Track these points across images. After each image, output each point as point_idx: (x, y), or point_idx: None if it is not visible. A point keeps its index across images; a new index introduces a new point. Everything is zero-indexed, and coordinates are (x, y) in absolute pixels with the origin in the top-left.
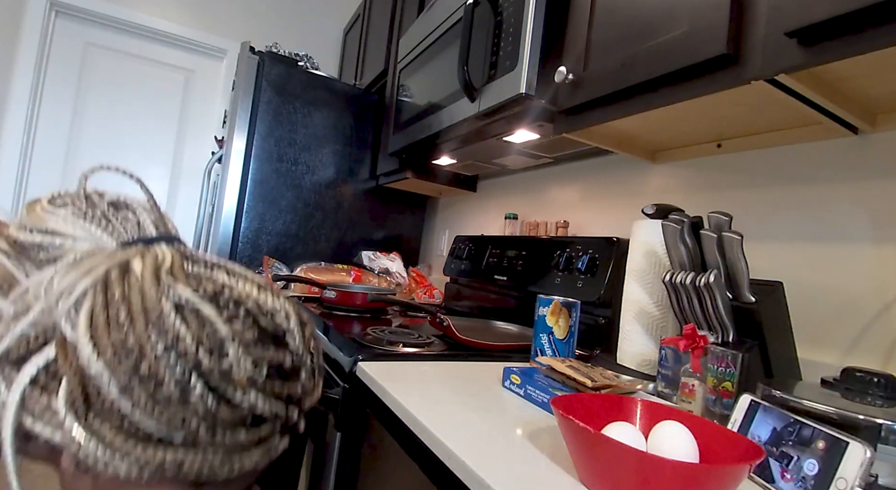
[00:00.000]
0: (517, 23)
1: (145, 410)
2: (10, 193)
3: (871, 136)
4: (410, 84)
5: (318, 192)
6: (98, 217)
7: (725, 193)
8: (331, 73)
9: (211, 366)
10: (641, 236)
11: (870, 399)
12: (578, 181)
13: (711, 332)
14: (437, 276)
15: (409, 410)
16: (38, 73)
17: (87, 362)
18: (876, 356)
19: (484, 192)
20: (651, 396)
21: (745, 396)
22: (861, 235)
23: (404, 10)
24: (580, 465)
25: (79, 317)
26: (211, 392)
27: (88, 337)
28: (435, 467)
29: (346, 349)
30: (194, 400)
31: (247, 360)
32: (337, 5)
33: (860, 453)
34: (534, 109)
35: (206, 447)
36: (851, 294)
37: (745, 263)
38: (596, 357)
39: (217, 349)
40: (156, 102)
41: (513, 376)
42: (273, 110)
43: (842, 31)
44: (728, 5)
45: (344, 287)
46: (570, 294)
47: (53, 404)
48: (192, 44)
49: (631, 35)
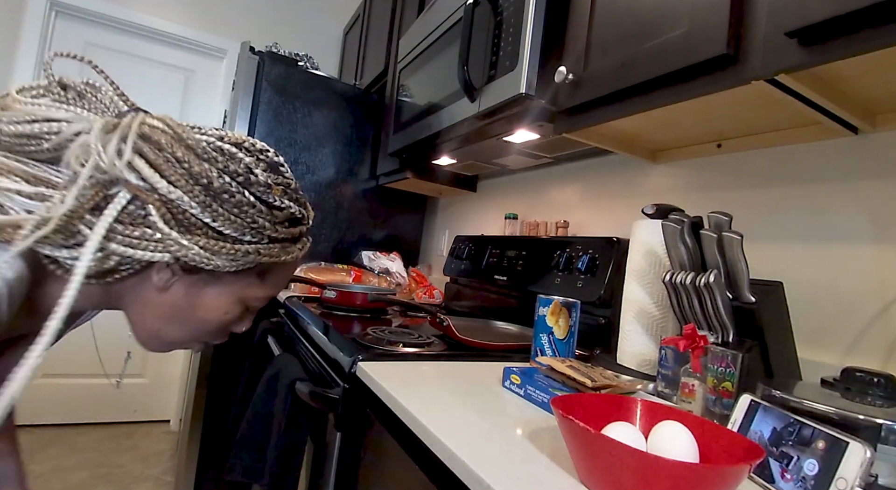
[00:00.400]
0: (517, 23)
1: (222, 218)
2: None
3: (871, 136)
4: (410, 84)
5: (318, 192)
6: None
7: (725, 193)
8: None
9: (253, 181)
10: (641, 236)
11: (870, 399)
12: (578, 181)
13: (711, 332)
14: (437, 276)
15: (409, 410)
16: (38, 73)
17: (168, 192)
18: (876, 356)
19: (484, 192)
20: (651, 396)
21: (745, 396)
22: (861, 235)
23: (404, 10)
24: (580, 465)
25: (140, 164)
26: (259, 200)
27: (158, 176)
28: (435, 467)
29: (346, 349)
30: (252, 205)
31: (269, 179)
32: (337, 5)
33: (860, 453)
34: (534, 109)
35: (268, 240)
36: (851, 294)
37: (745, 263)
38: (596, 357)
39: (249, 172)
40: (156, 102)
41: (513, 376)
42: (273, 110)
43: (842, 31)
44: (728, 5)
45: (344, 287)
46: (570, 294)
47: (148, 230)
48: (192, 44)
49: (631, 35)
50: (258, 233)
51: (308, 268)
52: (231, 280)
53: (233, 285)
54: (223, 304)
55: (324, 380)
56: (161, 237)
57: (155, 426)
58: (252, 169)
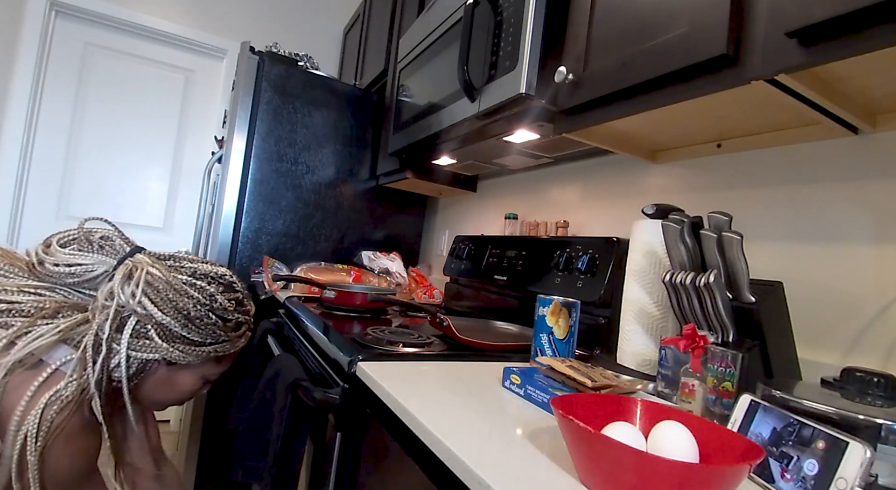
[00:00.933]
0: (517, 23)
1: (194, 333)
2: (10, 193)
3: (871, 136)
4: (410, 84)
5: (318, 192)
6: (96, 248)
7: (725, 193)
8: (331, 73)
9: (216, 307)
10: (641, 236)
11: (870, 399)
12: (578, 181)
13: (711, 332)
14: (437, 276)
15: (409, 410)
16: (38, 73)
17: (161, 319)
18: (876, 356)
19: (484, 192)
20: (651, 396)
21: (745, 396)
22: (861, 235)
23: (404, 10)
24: (580, 465)
25: (145, 301)
26: (219, 318)
27: (156, 308)
28: (435, 467)
29: (346, 349)
30: (214, 323)
31: (226, 301)
32: (337, 5)
33: (860, 453)
34: (534, 109)
35: (222, 341)
36: (851, 294)
37: (745, 263)
38: (596, 357)
39: (212, 299)
40: (156, 102)
41: (513, 376)
42: (273, 110)
43: (842, 31)
44: (728, 5)
45: (344, 287)
46: (570, 294)
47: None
48: (192, 44)
49: (631, 35)
50: (215, 339)
51: (308, 268)
52: (197, 366)
53: (198, 369)
54: (191, 382)
55: (324, 380)
56: (156, 346)
57: None
58: (215, 296)
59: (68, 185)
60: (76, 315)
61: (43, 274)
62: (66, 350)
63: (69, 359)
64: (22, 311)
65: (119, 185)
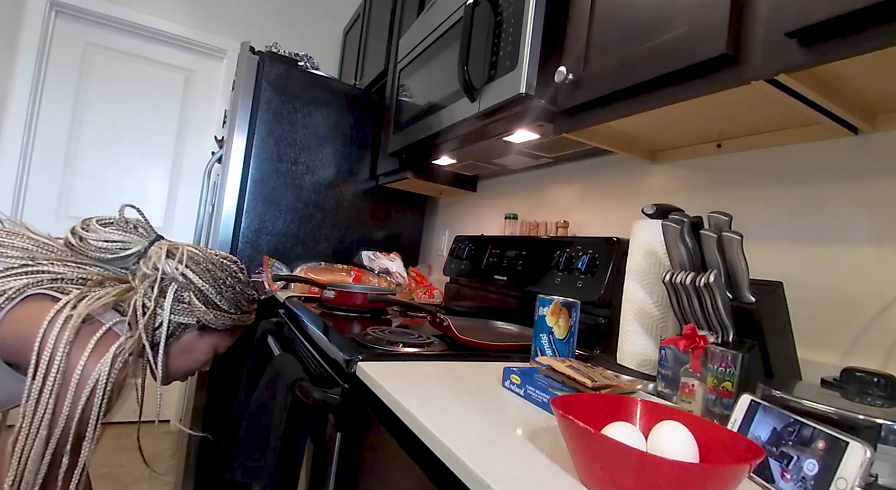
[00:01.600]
0: (517, 23)
1: (225, 300)
2: (10, 193)
3: (871, 136)
4: (410, 84)
5: (318, 192)
6: (130, 230)
7: (725, 193)
8: (331, 73)
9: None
10: (641, 236)
11: (870, 399)
12: (578, 181)
13: (711, 332)
14: (437, 276)
15: (409, 410)
16: (38, 73)
17: (201, 286)
18: (876, 356)
19: (484, 192)
20: (651, 396)
21: (745, 396)
22: (861, 235)
23: (404, 10)
24: (580, 465)
25: (187, 271)
26: (242, 290)
27: (198, 277)
28: (435, 467)
29: (346, 349)
30: (240, 293)
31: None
32: (337, 5)
33: (860, 453)
34: (534, 109)
35: (243, 311)
36: (851, 294)
37: (745, 263)
38: (596, 357)
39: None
40: (156, 102)
41: (513, 376)
42: (273, 110)
43: (842, 31)
44: (728, 5)
45: (344, 287)
46: (570, 294)
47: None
48: (192, 44)
49: (631, 35)
50: (238, 307)
51: (308, 268)
52: (215, 336)
53: (214, 339)
54: (205, 351)
55: (324, 380)
56: (194, 309)
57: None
58: (237, 274)
59: (68, 185)
60: (120, 285)
61: (83, 249)
62: (114, 314)
63: (120, 320)
64: (72, 280)
65: (119, 184)
